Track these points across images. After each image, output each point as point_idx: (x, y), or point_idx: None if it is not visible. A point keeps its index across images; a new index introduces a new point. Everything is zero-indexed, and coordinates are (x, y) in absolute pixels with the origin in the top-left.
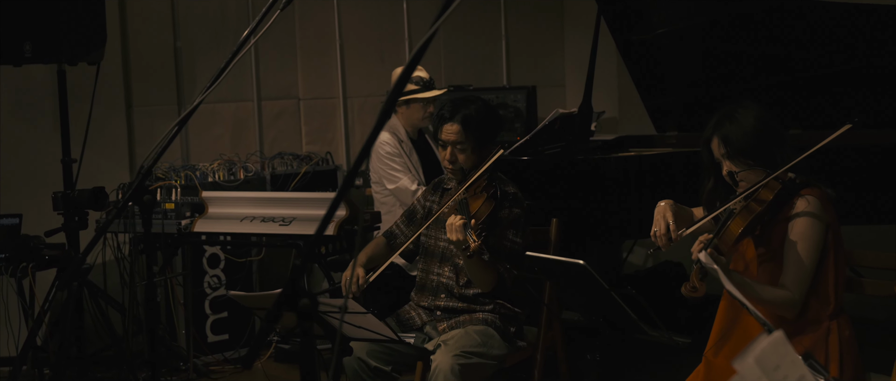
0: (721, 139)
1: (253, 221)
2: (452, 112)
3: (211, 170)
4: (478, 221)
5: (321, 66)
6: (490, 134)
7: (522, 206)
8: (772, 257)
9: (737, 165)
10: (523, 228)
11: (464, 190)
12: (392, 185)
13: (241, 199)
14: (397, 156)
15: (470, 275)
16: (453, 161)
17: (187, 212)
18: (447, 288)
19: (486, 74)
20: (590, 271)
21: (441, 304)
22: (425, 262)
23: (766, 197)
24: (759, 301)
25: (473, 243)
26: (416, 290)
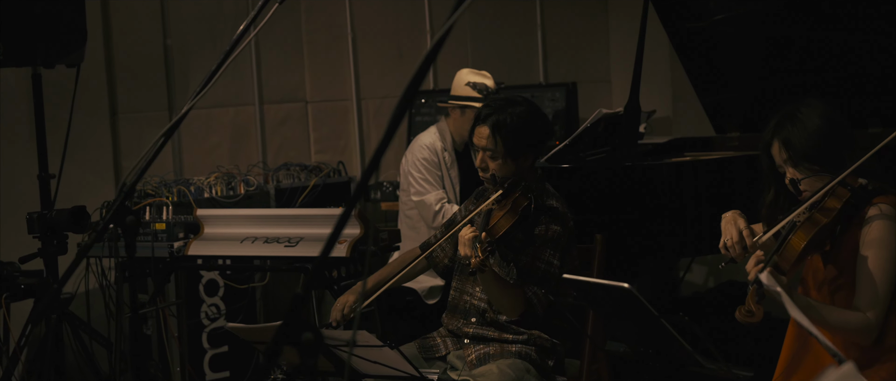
0: (782, 143)
1: (255, 242)
2: (487, 114)
3: (207, 184)
4: (492, 235)
5: (331, 64)
6: (528, 142)
7: (565, 224)
8: (844, 277)
9: (801, 171)
10: (564, 248)
11: (493, 200)
12: (417, 197)
13: (241, 217)
14: (434, 166)
15: (487, 296)
16: (484, 168)
17: (180, 233)
18: (479, 311)
19: (521, 71)
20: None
21: (470, 330)
22: (459, 280)
23: (833, 206)
24: (829, 326)
25: (475, 258)
26: (448, 311)
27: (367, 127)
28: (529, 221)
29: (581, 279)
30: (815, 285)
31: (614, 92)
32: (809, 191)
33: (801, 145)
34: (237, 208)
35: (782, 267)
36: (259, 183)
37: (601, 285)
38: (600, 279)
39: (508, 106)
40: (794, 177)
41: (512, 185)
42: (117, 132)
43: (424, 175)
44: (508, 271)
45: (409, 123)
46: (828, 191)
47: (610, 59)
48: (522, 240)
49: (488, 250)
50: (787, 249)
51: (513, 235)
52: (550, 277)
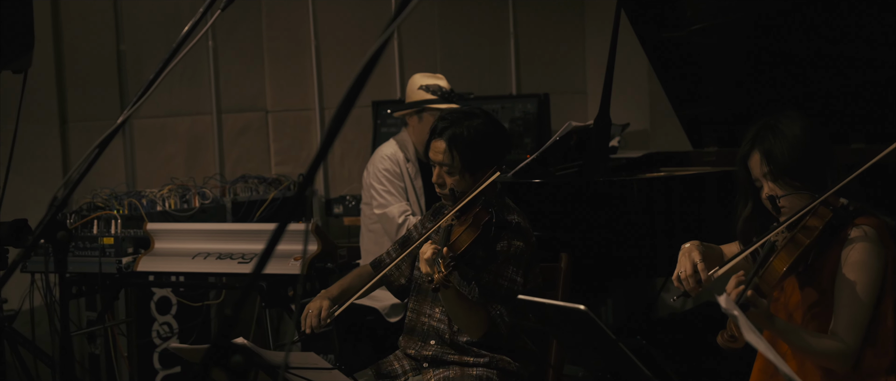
0: (763, 155)
1: (207, 258)
2: (443, 128)
3: (160, 197)
4: (454, 251)
5: (293, 72)
6: (486, 156)
7: (527, 239)
8: (821, 301)
9: (780, 187)
10: (527, 264)
11: (452, 216)
12: (379, 209)
13: (193, 232)
14: (396, 177)
15: (450, 315)
16: (441, 184)
17: (129, 248)
18: (438, 333)
19: (492, 81)
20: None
21: (429, 353)
22: (416, 300)
23: (814, 226)
24: (807, 353)
25: (438, 274)
26: (405, 334)
27: None
28: (491, 236)
29: (537, 301)
30: (788, 309)
31: (590, 103)
32: (788, 209)
33: (783, 158)
34: (190, 223)
35: (763, 290)
36: (215, 196)
37: (557, 307)
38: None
39: (465, 119)
40: (772, 193)
41: (467, 200)
42: (67, 142)
43: (387, 187)
44: (470, 291)
45: (375, 135)
46: (809, 210)
47: (586, 70)
48: (484, 257)
49: (451, 266)
50: (770, 270)
51: (474, 251)
52: (514, 294)
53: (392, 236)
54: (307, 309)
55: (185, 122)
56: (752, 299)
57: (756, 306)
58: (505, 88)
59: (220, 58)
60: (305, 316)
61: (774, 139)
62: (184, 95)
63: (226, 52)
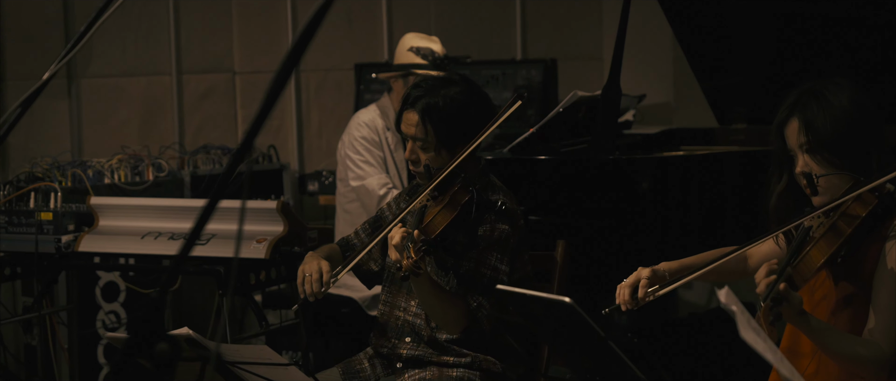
0: (803, 124)
1: (158, 238)
2: (416, 97)
3: (109, 168)
4: (427, 234)
5: (265, 29)
6: (465, 129)
7: (514, 223)
8: (856, 298)
9: (818, 163)
10: (513, 251)
11: (426, 195)
12: (356, 181)
13: (143, 208)
14: (375, 146)
15: (424, 308)
16: (414, 160)
17: (70, 224)
18: (414, 330)
19: (493, 43)
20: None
21: (403, 352)
22: (389, 292)
23: (856, 214)
24: (839, 357)
25: (408, 260)
26: (377, 330)
27: (306, 105)
28: (472, 219)
29: (516, 292)
30: (812, 302)
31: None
32: (825, 191)
33: (824, 130)
34: (142, 198)
35: (797, 282)
36: (172, 168)
37: (539, 299)
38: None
39: (441, 87)
40: (806, 169)
41: (442, 176)
42: (4, 102)
43: (364, 156)
44: (447, 281)
45: (357, 102)
46: (856, 195)
47: (602, 32)
48: (464, 243)
49: (423, 250)
50: (806, 261)
51: (451, 235)
52: (498, 285)
53: (371, 213)
54: (303, 272)
55: (139, 83)
56: (785, 293)
57: (789, 300)
58: (508, 51)
59: (182, 10)
60: (302, 281)
61: (818, 108)
62: (139, 52)
63: (188, 6)
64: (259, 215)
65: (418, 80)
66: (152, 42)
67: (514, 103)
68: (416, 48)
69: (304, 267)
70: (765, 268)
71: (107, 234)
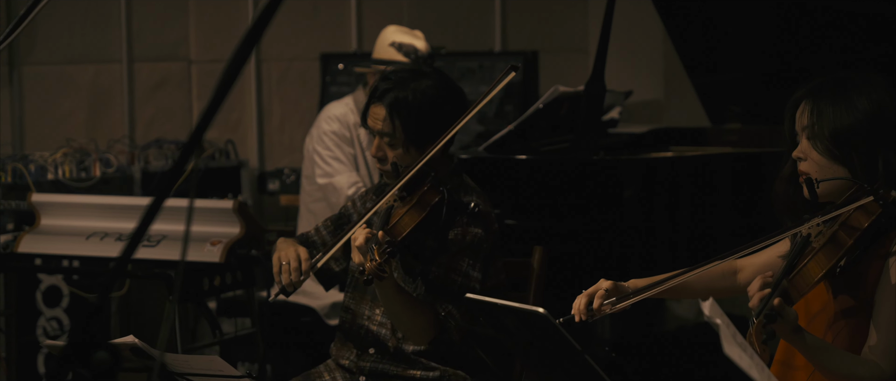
0: (811, 107)
1: (105, 239)
2: (384, 90)
3: (53, 162)
4: (393, 236)
5: (225, 15)
6: (436, 126)
7: (488, 226)
8: (857, 313)
9: (819, 150)
10: (486, 257)
11: (394, 195)
12: (323, 178)
13: (91, 206)
14: (345, 142)
15: (389, 316)
16: (381, 157)
17: (9, 223)
18: (379, 340)
19: (470, 33)
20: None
21: (367, 365)
22: (353, 299)
23: (858, 225)
24: (837, 375)
25: (371, 262)
26: (339, 339)
27: (267, 97)
28: (442, 222)
29: (488, 301)
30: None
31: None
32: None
33: (833, 120)
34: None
35: (793, 297)
36: (121, 164)
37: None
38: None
39: (411, 80)
40: (802, 156)
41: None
42: None
43: (333, 152)
44: (415, 288)
45: (323, 95)
46: (857, 204)
47: (588, 23)
48: (434, 247)
49: (388, 253)
50: (803, 274)
51: (420, 238)
52: (469, 292)
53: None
54: (278, 260)
55: (87, 71)
56: (780, 308)
57: (784, 317)
58: (486, 42)
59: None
60: (279, 269)
61: (833, 98)
62: (87, 37)
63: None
64: (214, 216)
65: (388, 72)
66: (102, 27)
67: (507, 75)
68: (399, 44)
69: (280, 254)
70: (758, 281)
71: (49, 234)
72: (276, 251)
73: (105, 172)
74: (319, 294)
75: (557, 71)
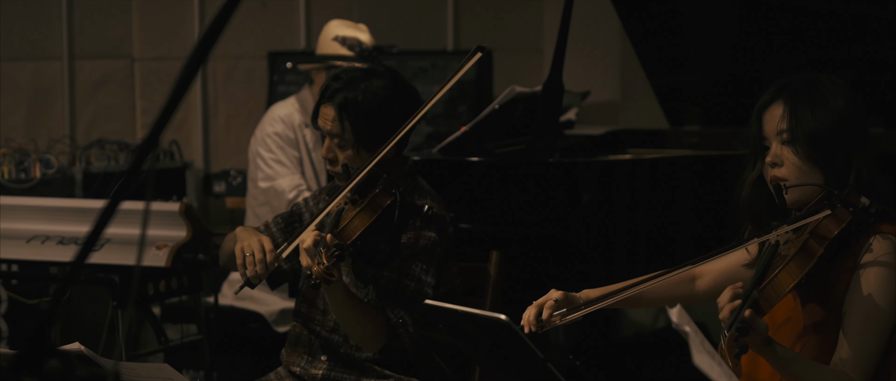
0: (790, 110)
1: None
2: (335, 90)
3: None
4: (343, 239)
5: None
6: (386, 128)
7: (442, 230)
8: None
9: (797, 154)
10: (440, 261)
11: (344, 197)
12: (265, 182)
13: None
14: (289, 144)
15: (338, 321)
16: (331, 159)
17: None
18: (331, 346)
19: (422, 31)
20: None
21: (319, 373)
22: (304, 304)
23: (828, 232)
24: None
25: (318, 266)
26: (289, 345)
27: (213, 97)
28: (394, 225)
29: (446, 307)
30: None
31: (547, 64)
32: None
33: (812, 123)
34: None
35: (763, 307)
36: (62, 165)
37: (471, 315)
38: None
39: (362, 80)
40: (776, 160)
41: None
42: None
43: (276, 154)
44: (366, 293)
45: (271, 95)
46: (827, 211)
47: (543, 22)
48: (386, 251)
49: (336, 256)
50: (774, 284)
51: (370, 241)
52: (422, 298)
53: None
54: (242, 251)
55: (26, 69)
56: (751, 320)
57: (755, 329)
58: (439, 41)
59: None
60: (243, 261)
61: (810, 99)
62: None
63: None
64: (159, 219)
65: (339, 70)
66: (42, 23)
67: (474, 56)
68: (342, 38)
69: (243, 245)
70: (729, 292)
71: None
72: (238, 241)
73: (45, 174)
74: (268, 300)
75: (512, 70)
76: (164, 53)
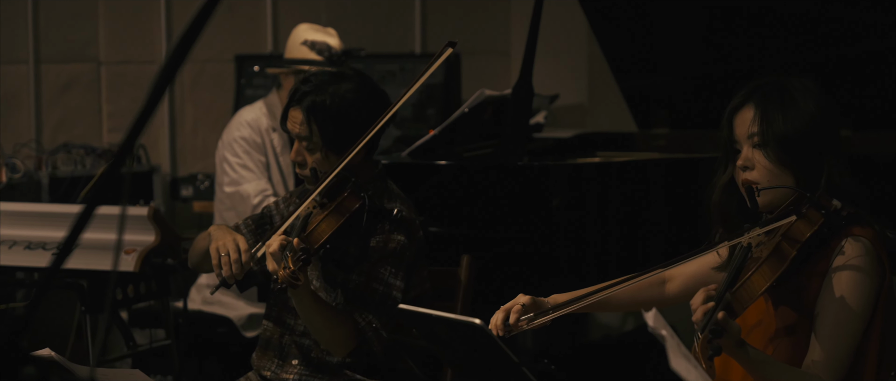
0: (759, 114)
1: (13, 248)
2: (304, 93)
3: None
4: (310, 243)
5: (136, 14)
6: (354, 131)
7: (411, 234)
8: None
9: (768, 157)
10: (410, 265)
11: (312, 201)
12: (230, 187)
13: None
14: (255, 149)
15: (306, 325)
16: (300, 162)
17: None
18: (303, 351)
19: (389, 35)
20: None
21: (290, 377)
22: (275, 307)
23: (800, 235)
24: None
25: (284, 270)
26: (260, 349)
27: (180, 101)
28: (363, 229)
29: (419, 311)
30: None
31: (515, 67)
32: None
33: (783, 126)
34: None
35: (736, 310)
36: (28, 169)
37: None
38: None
39: (331, 83)
40: (748, 164)
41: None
42: None
43: (242, 160)
44: (334, 296)
45: (238, 98)
46: (799, 214)
47: (510, 25)
48: (356, 255)
49: (302, 260)
50: (747, 287)
51: (338, 244)
52: (390, 301)
53: None
54: (217, 250)
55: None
56: (724, 322)
57: (728, 331)
58: (406, 44)
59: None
60: (218, 261)
61: (780, 103)
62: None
63: None
64: (128, 223)
65: (309, 74)
66: (7, 26)
67: (445, 51)
68: (311, 42)
69: (218, 244)
70: (702, 294)
71: None
72: (212, 241)
73: (11, 178)
74: (236, 305)
75: (479, 73)
76: (130, 57)
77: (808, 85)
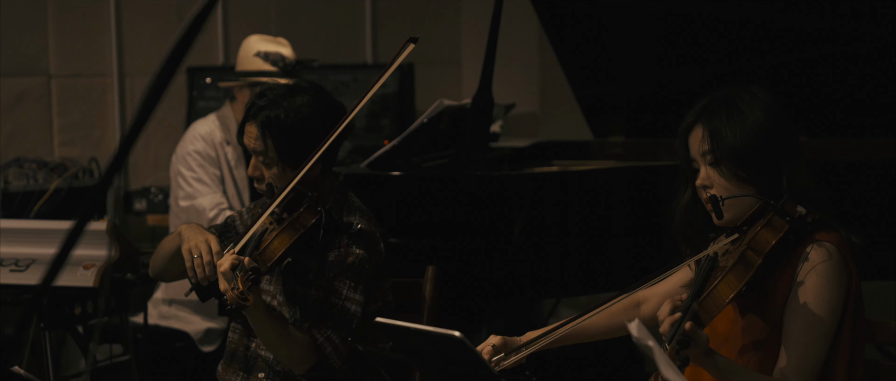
0: (708, 132)
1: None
2: (259, 107)
3: None
4: (263, 262)
5: (86, 27)
6: (310, 146)
7: (371, 247)
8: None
9: (723, 175)
10: (371, 280)
11: (267, 217)
12: (185, 201)
13: None
14: (210, 162)
15: (262, 342)
16: (257, 177)
17: None
18: (268, 363)
19: (341, 46)
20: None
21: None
22: (241, 318)
23: (765, 242)
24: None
25: (233, 290)
26: (225, 361)
27: (131, 113)
28: (320, 244)
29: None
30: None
31: (465, 77)
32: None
33: (733, 140)
34: None
35: (703, 319)
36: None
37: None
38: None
39: (286, 97)
40: (706, 183)
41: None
42: None
43: (197, 173)
44: (293, 314)
45: (190, 111)
46: (764, 222)
47: (460, 35)
48: (315, 270)
49: (251, 279)
50: (713, 296)
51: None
52: (350, 317)
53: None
54: (189, 252)
55: None
56: (691, 333)
57: (696, 341)
58: (358, 55)
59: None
60: (192, 263)
61: (727, 116)
62: None
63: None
64: (86, 238)
65: (264, 88)
66: None
67: (406, 47)
68: (264, 53)
69: (190, 245)
70: (668, 305)
71: None
72: (184, 242)
73: None
74: (193, 319)
75: (432, 83)
76: (80, 69)
77: (756, 94)
